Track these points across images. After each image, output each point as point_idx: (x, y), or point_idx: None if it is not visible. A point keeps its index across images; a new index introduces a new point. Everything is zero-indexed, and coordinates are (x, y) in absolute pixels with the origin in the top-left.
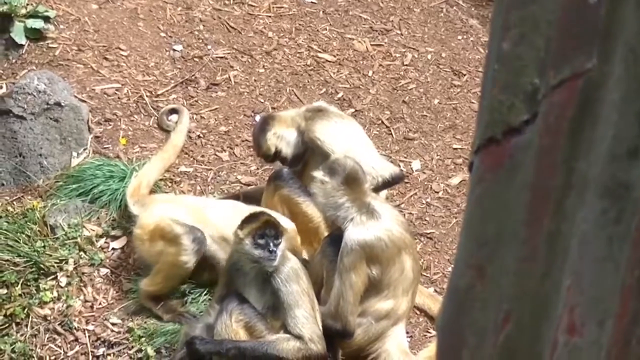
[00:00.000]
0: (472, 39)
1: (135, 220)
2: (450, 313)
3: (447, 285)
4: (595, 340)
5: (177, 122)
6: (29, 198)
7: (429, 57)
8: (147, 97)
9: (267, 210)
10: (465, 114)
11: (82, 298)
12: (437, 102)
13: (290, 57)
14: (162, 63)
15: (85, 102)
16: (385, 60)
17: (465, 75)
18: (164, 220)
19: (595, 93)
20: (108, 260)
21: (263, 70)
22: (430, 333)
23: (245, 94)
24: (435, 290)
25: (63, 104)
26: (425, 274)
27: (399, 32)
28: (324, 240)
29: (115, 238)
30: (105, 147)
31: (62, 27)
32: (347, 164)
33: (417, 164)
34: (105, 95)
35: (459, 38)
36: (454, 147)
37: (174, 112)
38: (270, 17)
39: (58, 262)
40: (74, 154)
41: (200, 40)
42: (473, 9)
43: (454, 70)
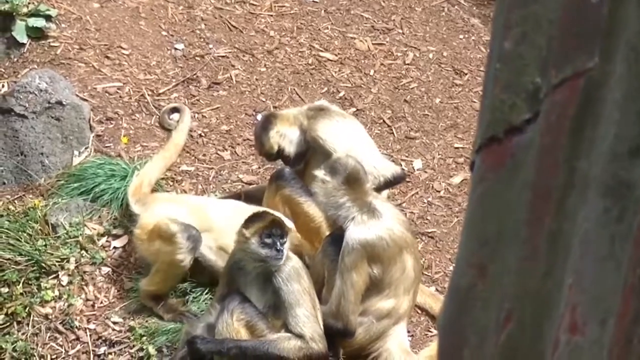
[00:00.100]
0: (473, 38)
1: (137, 220)
2: (452, 312)
3: (448, 285)
4: (597, 340)
5: (178, 121)
6: (31, 197)
7: (431, 56)
8: (148, 95)
9: (268, 210)
10: (467, 113)
11: (83, 297)
12: (438, 101)
13: (292, 56)
14: (163, 62)
15: (87, 100)
16: (387, 60)
17: (467, 75)
18: (163, 220)
19: (597, 92)
20: (109, 259)
21: (264, 69)
22: (432, 332)
23: (247, 93)
24: (437, 290)
25: (64, 103)
26: (427, 273)
27: (401, 31)
28: (325, 240)
29: (117, 237)
30: (107, 145)
31: (63, 25)
32: (348, 164)
33: (418, 163)
34: (107, 94)
35: (461, 37)
36: (456, 146)
37: (176, 111)
38: (272, 16)
39: (59, 260)
40: (76, 153)
41: (202, 39)
42: (474, 8)
43: (456, 70)
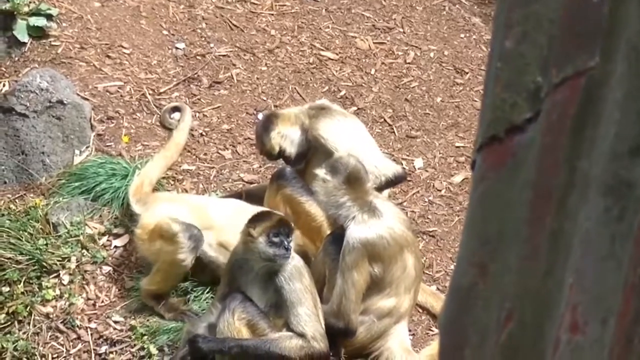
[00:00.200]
0: (474, 37)
1: (137, 219)
2: (453, 311)
3: (449, 284)
4: (598, 339)
5: (179, 120)
6: (32, 196)
7: (432, 55)
8: (149, 95)
9: (270, 209)
10: (468, 112)
11: (84, 296)
12: (439, 100)
13: (293, 55)
14: (164, 61)
15: (88, 100)
16: (388, 58)
17: (468, 74)
18: (164, 219)
19: (598, 91)
20: (110, 258)
21: (265, 68)
22: (433, 331)
23: (248, 92)
24: (438, 289)
25: (65, 102)
26: (428, 272)
27: (402, 30)
28: (326, 239)
29: (118, 236)
30: (108, 145)
31: (64, 25)
32: (349, 163)
33: (419, 162)
34: (108, 93)
35: (462, 36)
36: (457, 145)
37: (177, 110)
38: (273, 15)
39: (60, 260)
40: (77, 152)
41: (203, 38)
42: (475, 7)
43: (457, 69)
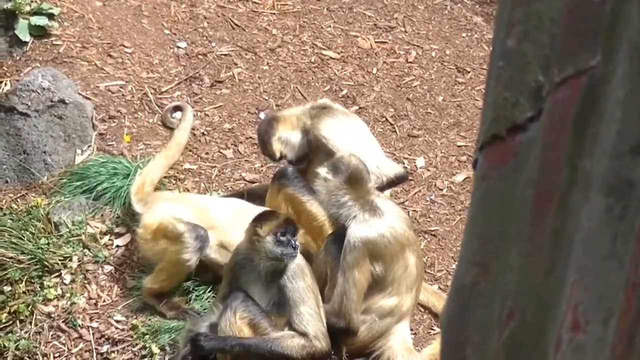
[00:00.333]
0: (476, 36)
1: (139, 218)
2: (454, 310)
3: (451, 283)
4: (600, 338)
5: (181, 119)
6: (33, 195)
7: (433, 54)
8: (151, 94)
9: (273, 209)
10: (470, 111)
11: (86, 295)
12: (441, 99)
13: (295, 54)
14: (166, 60)
15: (90, 99)
16: (390, 58)
17: (470, 73)
18: (167, 219)
19: (599, 90)
20: (112, 258)
21: (267, 68)
22: (434, 330)
23: (250, 91)
24: (440, 288)
25: (67, 101)
26: (429, 271)
27: (403, 29)
28: (328, 238)
29: (119, 235)
30: (109, 144)
31: (66, 24)
32: (351, 163)
33: (421, 161)
34: (109, 93)
35: (463, 35)
36: (458, 144)
37: (178, 109)
38: (274, 14)
39: (62, 259)
40: (78, 151)
41: (205, 38)
42: (477, 6)
43: (458, 68)
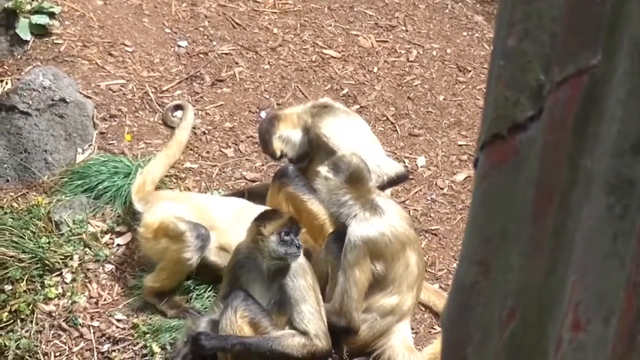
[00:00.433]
0: (477, 35)
1: (140, 217)
2: (455, 309)
3: (452, 282)
4: (600, 337)
5: (181, 118)
6: (34, 194)
7: (434, 53)
8: (152, 93)
9: (275, 208)
10: (471, 111)
11: (87, 294)
12: (442, 98)
13: (296, 53)
14: (167, 59)
15: (90, 98)
16: (391, 57)
17: (471, 72)
18: (168, 218)
19: (600, 89)
20: (113, 257)
21: (268, 67)
22: (435, 329)
23: (251, 90)
24: (440, 287)
25: (68, 100)
26: (430, 270)
27: (404, 28)
28: (329, 237)
29: (120, 234)
30: (110, 143)
31: (67, 23)
32: (351, 162)
33: (422, 160)
34: (110, 92)
35: (464, 34)
36: (459, 143)
37: (179, 108)
38: (275, 13)
39: (63, 258)
40: (79, 150)
41: (205, 37)
42: (478, 5)
43: (459, 67)
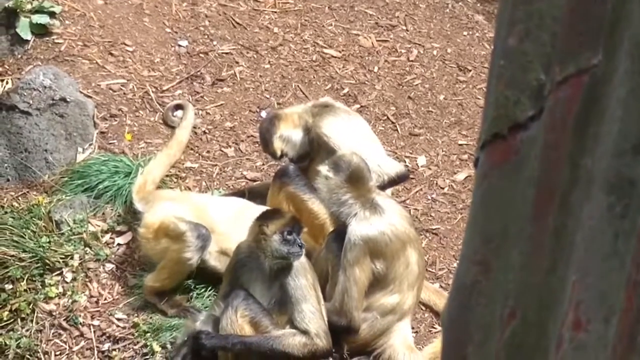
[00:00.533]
0: (477, 35)
1: (141, 217)
2: (456, 309)
3: (452, 281)
4: (601, 337)
5: (182, 117)
6: (35, 194)
7: (435, 52)
8: (152, 92)
9: (277, 207)
10: (471, 110)
11: (87, 293)
12: (442, 97)
13: (296, 52)
14: (167, 59)
15: (91, 97)
16: (391, 56)
17: (471, 71)
18: (169, 218)
19: (601, 89)
20: (113, 256)
21: (268, 66)
22: (436, 329)
23: (251, 90)
24: (441, 286)
25: (68, 100)
26: (431, 270)
27: (405, 27)
28: (329, 236)
29: (121, 233)
30: (111, 142)
31: (67, 22)
32: (352, 161)
33: (422, 160)
34: (111, 91)
35: (465, 34)
36: (460, 142)
37: (179, 107)
38: (276, 12)
39: (63, 257)
40: (80, 150)
41: (206, 36)
42: (478, 5)
43: (460, 66)
